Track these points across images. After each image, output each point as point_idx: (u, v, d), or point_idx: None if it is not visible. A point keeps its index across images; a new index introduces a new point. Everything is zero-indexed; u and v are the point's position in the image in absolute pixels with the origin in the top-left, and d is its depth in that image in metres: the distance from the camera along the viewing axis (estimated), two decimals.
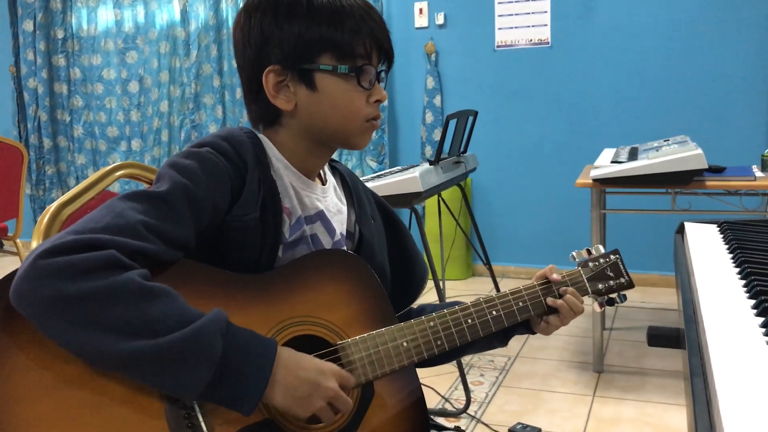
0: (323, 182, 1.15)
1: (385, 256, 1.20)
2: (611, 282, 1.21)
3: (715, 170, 2.76)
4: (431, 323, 1.07)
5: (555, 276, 1.19)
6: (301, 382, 0.91)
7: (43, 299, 0.81)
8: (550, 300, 1.17)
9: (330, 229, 1.11)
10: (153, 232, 0.89)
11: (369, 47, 1.03)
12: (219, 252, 0.99)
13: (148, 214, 0.89)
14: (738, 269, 1.08)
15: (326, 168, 1.18)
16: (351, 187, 1.19)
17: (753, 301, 0.92)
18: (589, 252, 1.23)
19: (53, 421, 0.82)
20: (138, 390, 0.86)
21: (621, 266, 1.23)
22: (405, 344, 1.04)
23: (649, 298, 3.88)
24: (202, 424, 0.89)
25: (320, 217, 1.10)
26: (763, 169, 2.79)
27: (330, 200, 1.13)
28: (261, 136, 1.08)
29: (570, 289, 1.18)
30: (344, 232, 1.15)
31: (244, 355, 0.87)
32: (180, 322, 0.84)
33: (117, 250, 0.84)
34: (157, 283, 0.87)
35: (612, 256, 1.23)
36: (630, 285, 1.22)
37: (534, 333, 1.21)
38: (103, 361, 0.84)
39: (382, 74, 1.08)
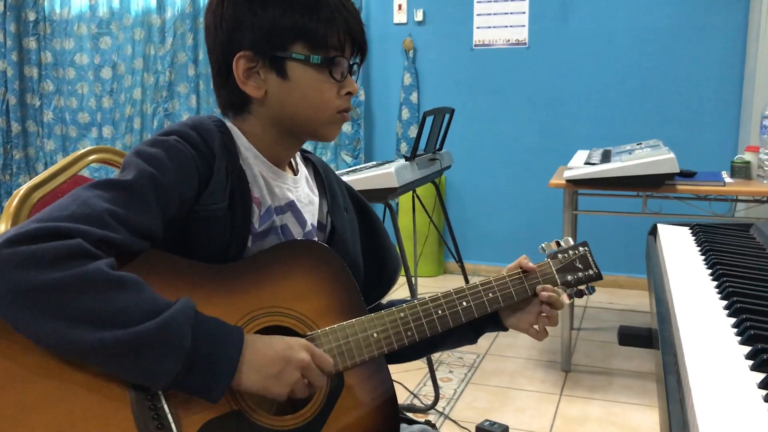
0: (294, 172, 1.14)
1: (358, 247, 1.19)
2: (580, 274, 1.20)
3: (686, 175, 2.80)
4: (401, 314, 1.06)
5: (530, 264, 1.18)
6: (272, 360, 0.91)
7: (8, 289, 0.79)
8: (524, 294, 1.16)
9: (301, 220, 1.10)
10: (118, 220, 0.87)
11: (343, 39, 1.02)
12: (187, 242, 0.98)
13: (113, 203, 0.88)
14: (710, 270, 1.09)
15: (298, 158, 1.17)
16: (324, 178, 1.18)
17: (725, 302, 0.93)
18: (558, 244, 1.23)
19: (14, 414, 0.80)
20: (103, 381, 0.85)
21: (590, 258, 1.22)
22: (375, 335, 1.03)
23: (617, 300, 3.93)
24: (168, 416, 0.87)
25: (291, 207, 1.09)
26: (732, 175, 2.84)
27: (301, 191, 1.12)
28: (230, 124, 1.06)
29: (547, 286, 1.16)
30: (315, 223, 1.14)
31: (212, 344, 0.87)
32: (149, 312, 0.84)
33: (82, 239, 0.83)
34: (125, 272, 0.86)
35: (581, 248, 1.22)
36: (598, 277, 1.21)
37: (506, 329, 1.20)
38: (70, 351, 0.82)
39: (355, 67, 1.07)
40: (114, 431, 0.84)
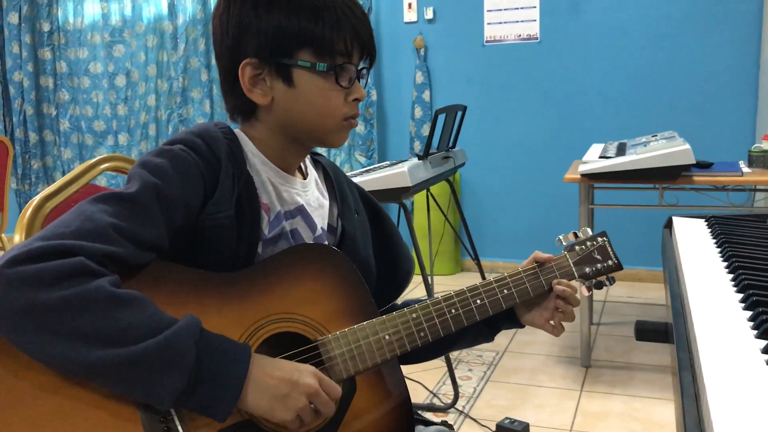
0: (304, 176, 1.13)
1: (370, 250, 1.18)
2: (598, 265, 1.17)
3: (703, 166, 2.77)
4: (414, 315, 1.05)
5: (544, 255, 1.15)
6: (278, 382, 0.90)
7: (10, 309, 0.79)
8: (540, 289, 1.13)
9: (311, 224, 1.10)
10: (123, 234, 0.87)
11: (350, 44, 1.01)
12: (195, 251, 0.97)
13: (117, 217, 0.88)
14: (726, 263, 1.08)
15: (308, 161, 1.17)
16: (333, 181, 1.17)
17: (741, 295, 0.92)
18: (575, 235, 1.20)
19: (31, 426, 0.81)
20: (112, 396, 0.85)
21: (609, 248, 1.18)
22: (387, 337, 1.02)
23: (637, 293, 3.89)
24: (179, 426, 0.87)
25: (300, 211, 1.08)
26: (749, 165, 2.80)
27: (311, 194, 1.12)
28: (237, 131, 1.06)
29: (562, 281, 1.13)
30: (325, 227, 1.13)
31: (217, 363, 0.86)
32: (152, 330, 0.83)
33: (86, 256, 0.83)
34: (129, 289, 0.86)
35: (599, 239, 1.19)
36: (618, 267, 1.18)
37: (522, 326, 1.18)
38: (73, 370, 0.82)
39: (364, 71, 1.06)
40: None
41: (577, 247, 1.18)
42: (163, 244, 0.93)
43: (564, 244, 1.20)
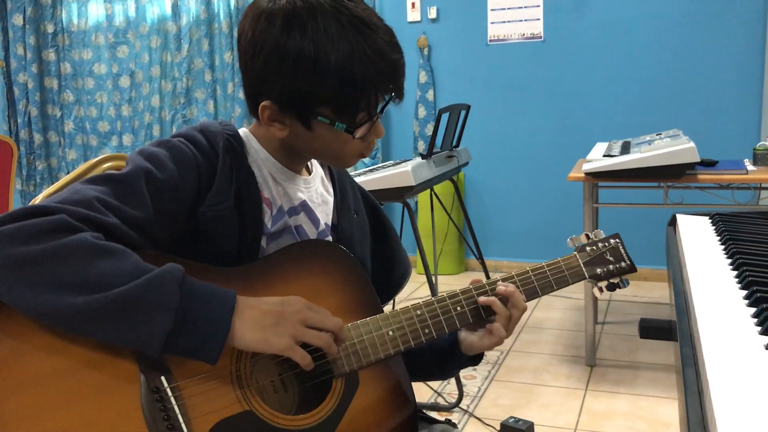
0: (309, 172, 1.14)
1: (367, 250, 1.19)
2: (611, 266, 1.17)
3: (708, 164, 2.77)
4: (418, 311, 1.05)
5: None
6: (265, 313, 0.90)
7: None
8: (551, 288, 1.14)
9: (314, 219, 1.11)
10: (107, 207, 0.89)
11: (373, 102, 0.99)
12: (199, 245, 0.98)
13: (104, 193, 0.90)
14: (730, 260, 1.07)
15: (314, 159, 1.17)
16: (336, 180, 1.18)
17: (745, 292, 0.91)
18: (587, 237, 1.20)
19: (30, 416, 0.82)
20: (114, 382, 0.86)
21: (621, 250, 1.19)
22: (391, 333, 1.02)
23: (642, 292, 3.88)
24: (179, 416, 0.88)
25: (304, 207, 1.10)
26: (754, 163, 2.79)
27: (314, 191, 1.13)
28: (242, 130, 1.07)
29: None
30: (329, 223, 1.14)
31: (202, 303, 0.86)
32: (134, 275, 0.84)
33: (67, 215, 0.85)
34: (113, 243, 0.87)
35: (612, 240, 1.19)
36: (632, 269, 1.18)
37: (473, 362, 1.17)
38: (60, 319, 0.83)
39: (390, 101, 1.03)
40: None
41: (588, 248, 1.18)
42: (149, 226, 0.93)
43: (575, 245, 1.20)
